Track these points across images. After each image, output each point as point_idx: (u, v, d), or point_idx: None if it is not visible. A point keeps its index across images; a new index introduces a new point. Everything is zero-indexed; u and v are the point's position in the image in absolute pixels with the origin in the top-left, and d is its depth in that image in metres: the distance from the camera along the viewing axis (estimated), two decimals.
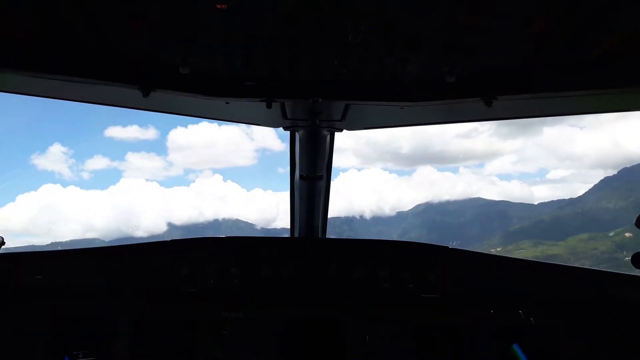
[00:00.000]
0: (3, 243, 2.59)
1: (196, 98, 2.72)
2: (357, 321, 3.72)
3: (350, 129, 3.58)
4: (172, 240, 3.89)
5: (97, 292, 3.73)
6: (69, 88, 2.76)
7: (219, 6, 1.88)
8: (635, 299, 3.62)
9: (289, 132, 3.72)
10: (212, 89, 2.62)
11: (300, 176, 3.90)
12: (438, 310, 3.70)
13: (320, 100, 2.74)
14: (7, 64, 2.36)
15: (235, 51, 2.28)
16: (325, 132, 3.54)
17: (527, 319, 3.62)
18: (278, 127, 3.52)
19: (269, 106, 2.74)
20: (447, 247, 3.91)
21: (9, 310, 3.62)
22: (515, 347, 3.61)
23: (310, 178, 3.89)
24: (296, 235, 4.49)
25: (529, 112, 3.12)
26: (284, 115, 3.19)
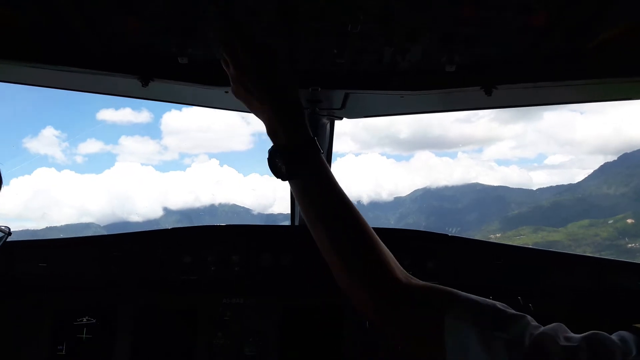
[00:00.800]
0: (9, 234, 2.59)
1: (195, 87, 2.71)
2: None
3: (350, 117, 3.57)
4: (173, 229, 3.92)
5: (98, 280, 3.77)
6: (69, 78, 2.76)
7: None
8: (635, 287, 3.67)
9: None
10: (210, 78, 2.61)
11: None
12: None
13: (319, 89, 2.73)
14: (8, 54, 2.36)
15: None
16: (325, 120, 3.54)
17: (526, 305, 3.67)
18: None
19: None
20: (446, 235, 3.94)
21: (12, 299, 3.66)
22: None
23: None
24: (296, 223, 4.52)
25: (529, 101, 3.11)
26: None
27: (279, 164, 1.85)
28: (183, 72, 2.54)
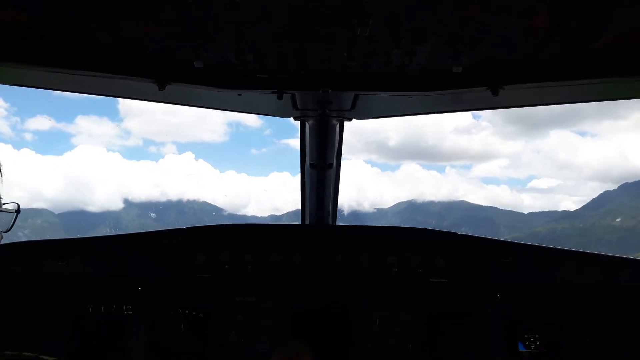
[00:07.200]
0: (18, 212, 2.54)
1: (209, 90, 2.80)
2: (366, 307, 3.82)
3: (359, 118, 3.64)
4: (188, 228, 4.01)
5: (113, 278, 3.87)
6: (87, 82, 2.86)
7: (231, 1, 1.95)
8: None
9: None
10: (225, 81, 2.70)
11: (311, 165, 3.99)
12: (447, 296, 3.79)
13: (330, 90, 2.80)
14: (29, 60, 2.46)
15: (247, 45, 2.35)
16: (335, 122, 3.61)
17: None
18: (288, 117, 3.60)
19: (280, 97, 2.81)
20: (455, 233, 3.99)
21: (32, 296, 3.76)
22: None
23: (320, 166, 3.98)
24: (307, 222, 4.59)
25: (535, 101, 3.16)
26: (294, 106, 3.26)
27: None
28: (198, 76, 2.63)
